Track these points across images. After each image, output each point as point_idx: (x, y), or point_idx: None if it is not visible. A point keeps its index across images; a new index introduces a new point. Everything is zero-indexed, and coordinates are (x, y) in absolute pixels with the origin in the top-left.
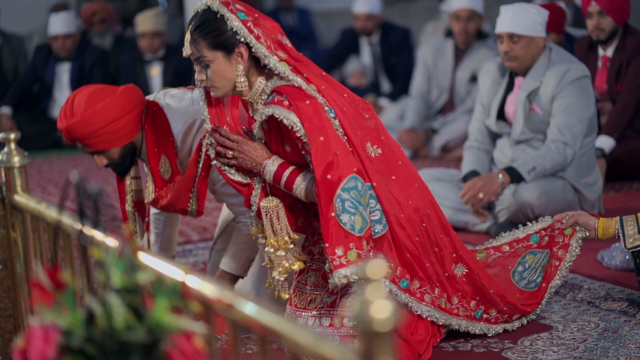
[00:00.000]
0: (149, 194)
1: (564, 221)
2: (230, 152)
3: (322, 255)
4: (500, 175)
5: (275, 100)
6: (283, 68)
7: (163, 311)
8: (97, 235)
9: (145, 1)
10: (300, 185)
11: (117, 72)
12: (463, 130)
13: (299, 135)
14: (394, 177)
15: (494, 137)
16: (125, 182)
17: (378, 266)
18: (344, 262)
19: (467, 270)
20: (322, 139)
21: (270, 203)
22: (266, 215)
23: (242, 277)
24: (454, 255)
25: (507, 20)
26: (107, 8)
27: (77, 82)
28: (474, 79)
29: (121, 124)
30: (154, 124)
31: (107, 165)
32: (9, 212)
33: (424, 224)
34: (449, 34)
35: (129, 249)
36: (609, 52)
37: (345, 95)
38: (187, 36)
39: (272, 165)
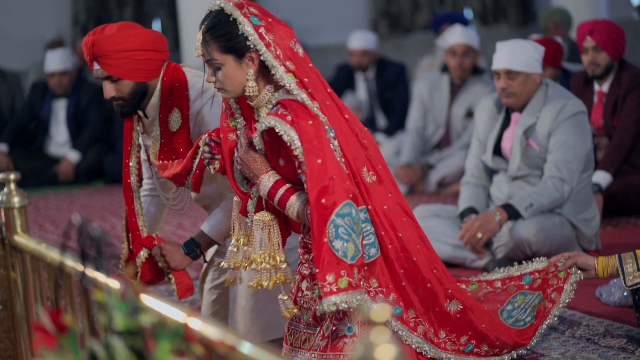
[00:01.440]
0: (154, 153)
1: (560, 263)
2: (235, 156)
3: (310, 292)
4: (498, 213)
5: (279, 112)
6: (289, 80)
7: (166, 353)
8: (100, 277)
9: None
10: (293, 205)
11: (113, 109)
12: (459, 165)
13: (296, 153)
14: (385, 207)
15: (491, 173)
16: (133, 135)
17: (382, 309)
18: (334, 290)
19: (461, 307)
20: (319, 161)
21: (265, 217)
22: (260, 228)
23: (219, 245)
24: (449, 291)
25: (504, 57)
26: None
27: (73, 119)
28: (470, 114)
29: (145, 57)
30: (172, 78)
31: (114, 99)
32: (8, 252)
33: (414, 258)
34: (444, 69)
35: (131, 291)
36: (605, 87)
37: (346, 116)
38: (199, 36)
39: (268, 180)
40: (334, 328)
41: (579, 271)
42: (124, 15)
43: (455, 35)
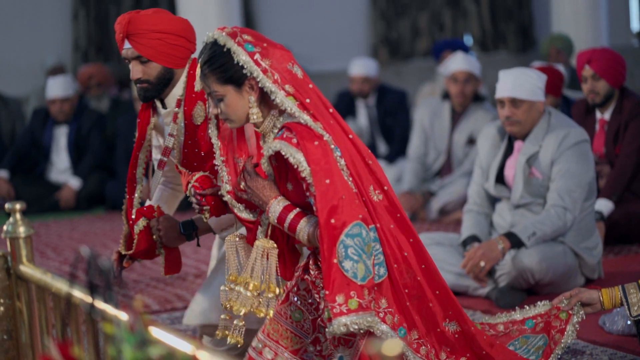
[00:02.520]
0: (178, 146)
1: (562, 305)
2: (242, 185)
3: (307, 293)
4: (500, 242)
5: (284, 136)
6: (290, 104)
7: None
8: (109, 309)
9: None
10: (303, 229)
11: (115, 136)
12: (461, 193)
13: (303, 175)
14: (392, 226)
15: (493, 200)
16: (148, 129)
17: (394, 344)
18: (344, 310)
19: (459, 329)
20: (327, 181)
21: (267, 244)
22: (255, 254)
23: (215, 233)
24: (449, 312)
25: (508, 85)
26: (103, 71)
27: (74, 146)
28: (471, 141)
29: (177, 42)
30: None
31: (140, 81)
32: (14, 282)
33: (418, 278)
34: (445, 96)
35: (140, 324)
36: (607, 115)
37: (350, 136)
38: (198, 71)
39: (277, 205)
40: (330, 351)
41: (581, 312)
42: None
43: (456, 63)
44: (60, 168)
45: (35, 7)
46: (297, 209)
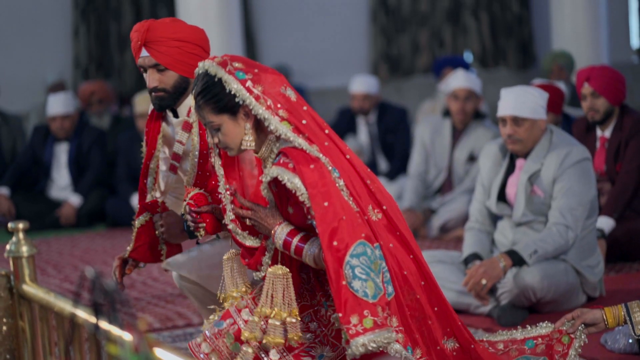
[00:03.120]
0: (194, 155)
1: (564, 328)
2: (247, 219)
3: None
4: (502, 260)
5: (281, 162)
6: (284, 129)
7: None
8: (113, 330)
9: (142, 80)
10: (308, 252)
11: (115, 152)
12: (462, 210)
13: (302, 199)
14: (391, 245)
15: (495, 218)
16: (159, 139)
17: None
18: (360, 330)
19: (457, 345)
20: (326, 204)
21: (279, 271)
22: (271, 282)
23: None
24: (448, 329)
25: (510, 103)
26: (105, 88)
27: (75, 163)
28: (471, 158)
29: (194, 51)
30: None
31: (156, 90)
32: (17, 301)
33: (418, 296)
34: (446, 113)
35: (145, 344)
36: (607, 132)
37: (348, 156)
38: (192, 103)
39: (282, 231)
40: None
41: (583, 335)
42: (125, 58)
43: (457, 80)
44: (61, 185)
45: (36, 24)
46: (302, 233)
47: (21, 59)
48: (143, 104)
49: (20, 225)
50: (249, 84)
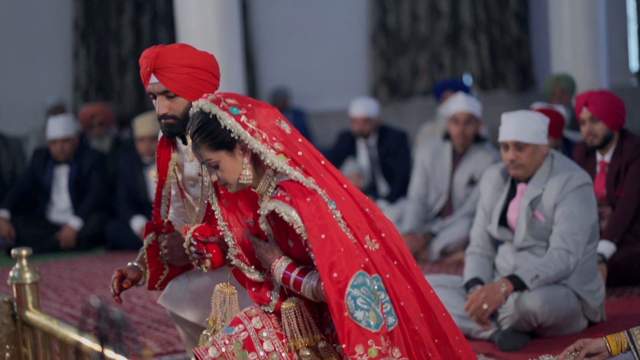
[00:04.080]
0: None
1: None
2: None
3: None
4: (503, 285)
5: (278, 195)
6: (280, 163)
7: None
8: (119, 359)
9: (142, 103)
10: (307, 285)
11: (116, 175)
12: (462, 234)
13: (299, 232)
14: (387, 276)
15: (496, 243)
16: (169, 165)
17: None
18: None
19: None
20: (323, 236)
21: (290, 304)
22: (287, 317)
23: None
24: None
25: (512, 129)
26: (106, 110)
27: (75, 186)
28: (472, 182)
29: (204, 77)
30: None
31: (166, 117)
32: (20, 328)
33: (416, 327)
34: (446, 137)
35: None
36: (607, 157)
37: (345, 185)
38: (189, 142)
39: (280, 266)
40: None
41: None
42: (125, 80)
43: (457, 104)
44: (61, 208)
45: (36, 46)
46: (300, 267)
47: (21, 81)
48: (143, 127)
49: (24, 252)
50: (243, 118)
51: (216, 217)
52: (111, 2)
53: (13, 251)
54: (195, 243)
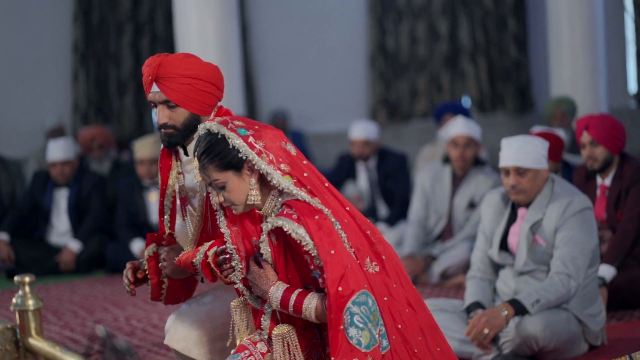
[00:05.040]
0: (201, 197)
1: None
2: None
3: None
4: (504, 309)
5: (285, 213)
6: (287, 183)
7: None
8: None
9: (142, 125)
10: (309, 306)
11: (115, 198)
12: (462, 257)
13: (307, 249)
14: (385, 299)
15: (497, 267)
16: (170, 174)
17: None
18: None
19: None
20: (332, 252)
21: (283, 329)
22: (281, 342)
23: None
24: None
25: (513, 154)
26: (105, 133)
27: (74, 209)
28: (472, 205)
29: (206, 89)
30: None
31: (166, 126)
32: (22, 354)
33: (415, 350)
34: (446, 160)
35: None
36: (607, 181)
37: (347, 208)
38: (195, 163)
39: (277, 291)
40: None
41: None
42: (124, 102)
43: (457, 127)
44: (61, 231)
45: (35, 68)
46: (298, 289)
47: (20, 103)
48: (143, 149)
49: (27, 279)
50: (251, 139)
51: (225, 240)
52: (111, 25)
53: (16, 278)
54: (223, 255)
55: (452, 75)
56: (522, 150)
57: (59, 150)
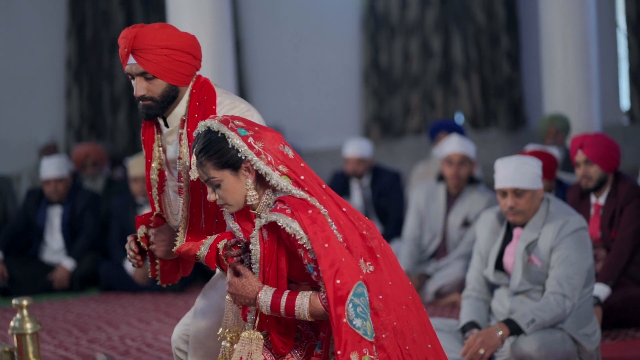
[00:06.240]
0: (185, 170)
1: None
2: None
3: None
4: (499, 329)
5: (278, 208)
6: (285, 183)
7: None
8: None
9: (135, 142)
10: (302, 304)
11: (109, 216)
12: (457, 275)
13: (301, 243)
14: (380, 297)
15: (492, 286)
16: (154, 147)
17: None
18: None
19: None
20: (326, 245)
21: (252, 336)
22: (247, 347)
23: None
24: None
25: (509, 175)
26: (99, 150)
27: (68, 226)
28: (466, 223)
29: (183, 59)
30: (202, 91)
31: (144, 98)
32: None
33: (407, 347)
34: (440, 178)
35: None
36: (601, 199)
37: (344, 209)
38: (193, 159)
39: (265, 296)
40: None
41: None
42: (118, 119)
43: (451, 145)
44: (54, 249)
45: (29, 85)
46: (287, 291)
47: (13, 120)
48: (137, 167)
49: (25, 302)
50: (250, 139)
51: (234, 233)
52: (104, 41)
53: (14, 301)
54: (233, 249)
55: (445, 92)
56: (519, 171)
57: (52, 168)
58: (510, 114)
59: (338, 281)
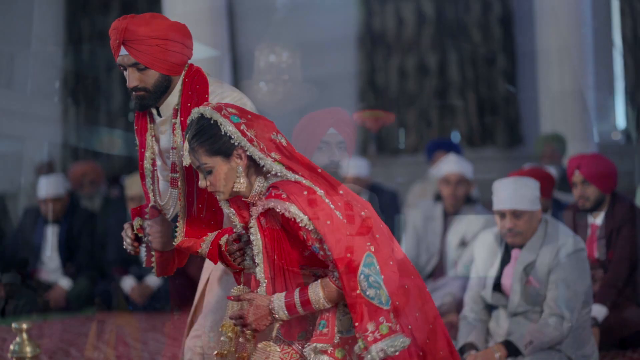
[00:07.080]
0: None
1: None
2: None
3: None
4: (497, 350)
5: (273, 194)
6: (279, 167)
7: None
8: None
9: (131, 160)
10: (316, 292)
11: (106, 235)
12: (454, 295)
13: (302, 225)
14: (382, 277)
15: (490, 307)
16: (147, 137)
17: None
18: (378, 337)
19: None
20: (329, 222)
21: (268, 348)
22: (258, 356)
23: None
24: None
25: (508, 197)
26: (96, 169)
27: (65, 246)
28: (463, 243)
29: (174, 49)
30: (194, 80)
31: (137, 89)
32: None
33: (409, 327)
34: (437, 197)
35: None
36: (599, 220)
37: (341, 191)
38: (185, 146)
39: (278, 301)
40: None
41: None
42: (114, 137)
43: (449, 164)
44: (51, 268)
45: (25, 103)
46: (297, 288)
47: (9, 138)
48: (134, 186)
49: (24, 326)
50: (243, 127)
51: (235, 226)
52: (100, 59)
53: (14, 325)
54: (234, 243)
55: (441, 110)
56: (518, 193)
57: (49, 187)
58: (507, 132)
59: (348, 254)
